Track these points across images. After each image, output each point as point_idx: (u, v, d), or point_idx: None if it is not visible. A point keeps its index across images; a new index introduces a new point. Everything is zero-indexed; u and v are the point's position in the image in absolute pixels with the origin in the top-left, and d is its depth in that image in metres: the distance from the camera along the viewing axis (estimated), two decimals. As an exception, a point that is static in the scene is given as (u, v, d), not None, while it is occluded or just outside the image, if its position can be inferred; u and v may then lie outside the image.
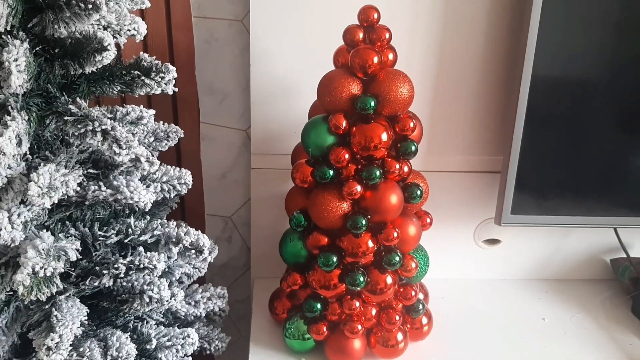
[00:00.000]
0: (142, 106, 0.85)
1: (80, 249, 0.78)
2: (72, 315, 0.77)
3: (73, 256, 0.75)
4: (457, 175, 1.13)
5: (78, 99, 0.74)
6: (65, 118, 0.72)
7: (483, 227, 1.17)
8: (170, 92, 0.82)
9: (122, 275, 0.80)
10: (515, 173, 1.02)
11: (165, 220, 0.86)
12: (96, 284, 0.79)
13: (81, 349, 0.77)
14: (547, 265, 1.22)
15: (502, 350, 1.00)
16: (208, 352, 0.97)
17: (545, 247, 1.20)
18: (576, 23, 0.96)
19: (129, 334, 0.83)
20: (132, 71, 0.78)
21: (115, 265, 0.79)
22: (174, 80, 0.80)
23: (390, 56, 0.87)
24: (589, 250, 1.21)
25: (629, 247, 1.14)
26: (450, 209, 1.14)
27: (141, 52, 0.79)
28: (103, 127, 0.71)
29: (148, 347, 0.84)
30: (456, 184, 1.13)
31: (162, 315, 0.94)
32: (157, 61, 0.78)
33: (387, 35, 0.86)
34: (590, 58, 0.99)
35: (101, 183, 0.77)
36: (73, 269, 0.80)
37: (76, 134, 0.71)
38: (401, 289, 0.93)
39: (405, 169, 0.89)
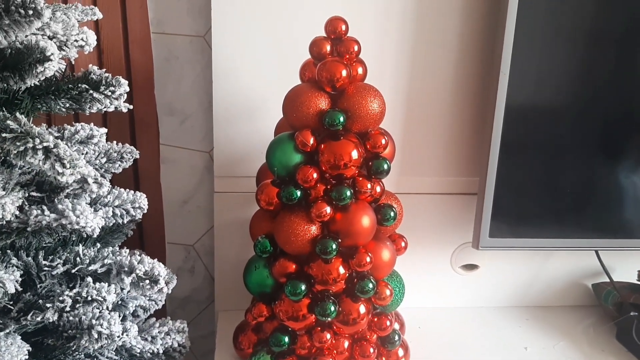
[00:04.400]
0: (92, 124, 0.80)
1: (21, 280, 0.72)
2: (11, 355, 0.70)
3: (11, 288, 0.69)
4: (432, 197, 1.09)
5: (18, 114, 0.68)
6: (4, 135, 0.66)
7: (460, 251, 1.13)
8: (124, 110, 0.77)
9: (68, 309, 0.73)
10: (492, 195, 0.99)
11: (117, 249, 0.79)
12: (39, 319, 0.73)
13: (20, 393, 0.70)
14: (527, 291, 1.18)
15: (484, 382, 0.95)
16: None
17: (525, 272, 1.17)
18: (549, 45, 0.95)
19: (76, 374, 0.77)
20: (79, 85, 0.73)
21: (61, 298, 0.73)
22: (125, 95, 0.75)
23: (360, 70, 0.84)
24: (570, 275, 1.18)
25: (611, 271, 1.11)
26: (425, 233, 1.10)
27: (90, 65, 0.74)
28: (45, 144, 0.65)
29: (98, 388, 0.78)
30: (431, 207, 1.10)
31: (115, 353, 0.87)
32: (107, 74, 0.73)
33: (355, 48, 0.82)
34: (566, 80, 0.98)
35: (44, 207, 0.71)
36: (13, 303, 0.73)
37: (15, 152, 0.65)
38: (375, 319, 0.88)
39: (378, 189, 0.84)
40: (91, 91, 0.72)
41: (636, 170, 1.02)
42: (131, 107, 0.79)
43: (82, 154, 0.80)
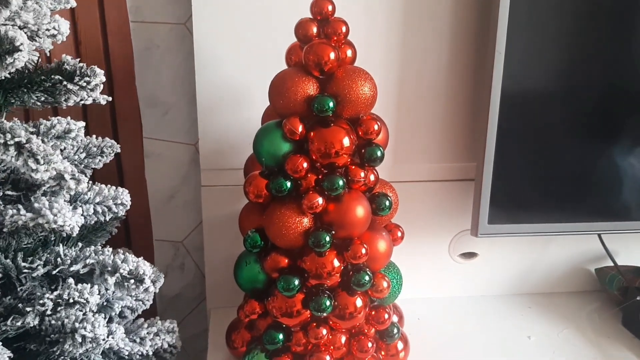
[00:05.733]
0: (69, 118, 0.77)
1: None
2: (-10, 363, 0.67)
3: (-12, 293, 0.66)
4: (428, 184, 1.07)
5: (-13, 108, 0.65)
6: (-27, 131, 0.63)
7: (458, 240, 1.10)
8: (103, 102, 0.74)
9: (49, 312, 0.71)
10: (490, 180, 0.97)
11: (100, 248, 0.77)
12: (19, 323, 0.70)
13: (1, 402, 0.67)
14: (528, 278, 1.16)
15: (487, 374, 0.93)
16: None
17: (526, 259, 1.15)
18: (546, 22, 0.92)
19: (61, 380, 0.74)
20: (53, 76, 0.70)
21: (41, 301, 0.70)
22: (102, 86, 0.72)
23: (349, 52, 0.81)
24: (572, 260, 1.16)
25: (615, 255, 1.09)
26: (422, 222, 1.08)
27: (64, 55, 0.71)
28: (17, 139, 0.63)
29: (85, 394, 0.75)
30: (427, 195, 1.07)
31: (103, 356, 0.84)
32: (81, 64, 0.70)
33: (343, 29, 0.79)
34: (563, 59, 0.95)
35: (20, 206, 0.68)
36: (-9, 308, 0.71)
37: (-15, 149, 0.62)
38: (373, 312, 0.86)
39: (372, 177, 0.82)
40: (65, 82, 0.69)
41: (637, 151, 1.00)
42: (110, 99, 0.76)
43: (60, 149, 0.77)
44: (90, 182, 0.80)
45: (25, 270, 0.73)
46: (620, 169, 1.01)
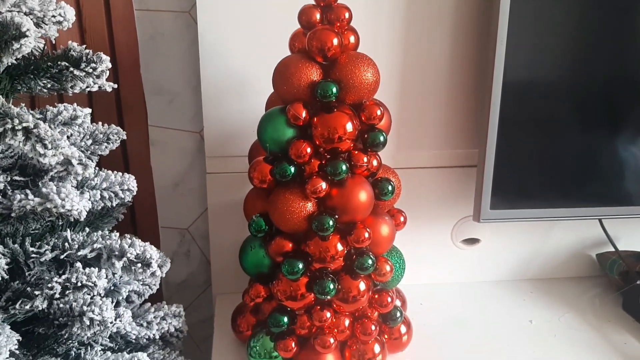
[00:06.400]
0: (75, 104, 0.78)
1: (8, 268, 0.70)
2: (0, 345, 0.68)
3: (-3, 276, 0.66)
4: (430, 171, 1.07)
5: (-5, 94, 0.66)
6: (-19, 117, 0.63)
7: (461, 226, 1.11)
8: (109, 89, 0.75)
9: (57, 296, 0.71)
10: (492, 166, 0.97)
11: (107, 232, 0.77)
12: (28, 307, 0.71)
13: (11, 383, 0.68)
14: (530, 264, 1.17)
15: (489, 357, 0.93)
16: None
17: (527, 244, 1.15)
18: (548, 9, 0.92)
19: (70, 362, 0.75)
20: (59, 62, 0.70)
21: (50, 285, 0.71)
22: (108, 72, 0.72)
23: (352, 39, 0.81)
24: (574, 245, 1.17)
25: (616, 240, 1.09)
26: (424, 207, 1.09)
27: (70, 41, 0.71)
28: (24, 125, 0.63)
29: (93, 376, 0.76)
30: (429, 181, 1.08)
31: (110, 340, 0.85)
32: (87, 50, 0.71)
33: (346, 15, 0.79)
34: (566, 46, 0.95)
35: (28, 191, 0.69)
36: (1, 292, 0.71)
37: (-6, 134, 0.63)
38: (376, 296, 0.87)
39: (375, 162, 0.82)
40: (72, 69, 0.70)
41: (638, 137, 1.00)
42: (115, 86, 0.76)
43: (66, 135, 0.77)
44: (97, 168, 0.80)
45: (34, 255, 0.74)
46: (621, 155, 1.01)
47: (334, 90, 0.78)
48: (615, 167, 1.02)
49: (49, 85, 0.73)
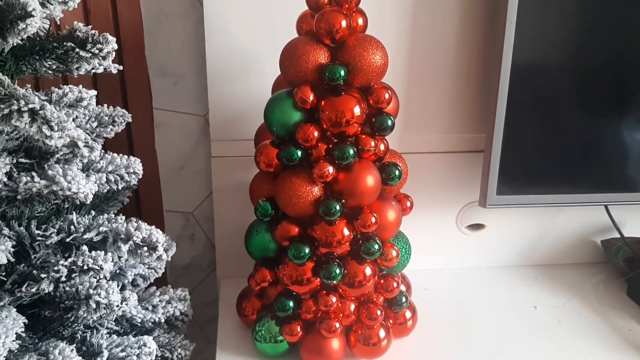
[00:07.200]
0: (80, 86, 0.77)
1: (14, 251, 0.69)
2: (6, 327, 0.67)
3: (3, 259, 0.66)
4: (437, 156, 1.06)
5: (1, 75, 0.64)
6: (-14, 98, 0.62)
7: (466, 211, 1.10)
8: (114, 71, 0.74)
9: (63, 279, 0.71)
10: (499, 151, 0.96)
11: (113, 215, 0.77)
12: (34, 290, 0.70)
13: (17, 366, 0.68)
14: (535, 249, 1.16)
15: (493, 342, 0.93)
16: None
17: (533, 230, 1.15)
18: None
19: (76, 345, 0.75)
20: (65, 43, 0.69)
21: (56, 268, 0.70)
22: (114, 54, 0.71)
23: (360, 21, 0.80)
24: (579, 231, 1.16)
25: (621, 226, 1.09)
26: (430, 193, 1.08)
27: (75, 22, 0.70)
28: (30, 106, 0.62)
29: (99, 359, 0.76)
30: (436, 166, 1.07)
31: (115, 323, 0.85)
32: (93, 31, 0.70)
33: (355, -3, 0.78)
34: (575, 31, 0.94)
35: (34, 174, 0.68)
36: (7, 275, 0.71)
37: (-1, 115, 0.62)
38: (382, 281, 0.86)
39: (382, 146, 0.81)
40: (77, 49, 0.69)
41: (647, 121, 0.99)
42: (121, 67, 0.75)
43: (72, 117, 0.77)
44: (102, 150, 0.80)
45: (39, 238, 0.73)
46: (629, 141, 1.00)
47: (342, 73, 0.77)
48: (622, 153, 1.01)
49: (54, 67, 0.72)
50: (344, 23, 0.76)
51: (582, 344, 0.93)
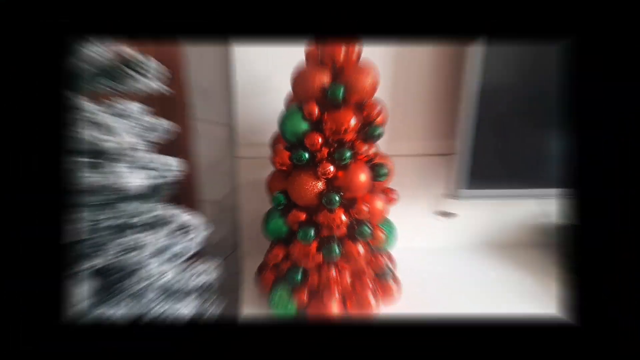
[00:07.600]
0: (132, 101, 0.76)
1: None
2: (83, 295, 0.67)
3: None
4: (416, 158, 1.06)
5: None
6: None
7: (440, 201, 1.10)
8: (163, 91, 0.73)
9: (115, 255, 0.70)
10: (467, 155, 0.95)
11: (156, 204, 0.76)
12: (93, 263, 0.70)
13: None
14: (497, 233, 1.15)
15: (456, 302, 0.92)
16: (202, 321, 0.88)
17: (492, 217, 1.14)
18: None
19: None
20: (118, 64, 0.68)
21: (109, 245, 0.70)
22: (159, 76, 0.70)
23: (356, 51, 0.79)
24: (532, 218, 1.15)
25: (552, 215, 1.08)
26: (412, 187, 1.07)
27: (123, 46, 0.69)
28: (92, 116, 0.62)
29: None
30: (416, 166, 1.07)
31: (158, 292, 0.84)
32: (141, 54, 0.69)
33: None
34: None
35: (93, 170, 0.67)
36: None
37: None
38: (372, 257, 0.86)
39: (372, 150, 0.81)
40: (129, 71, 0.68)
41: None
42: (170, 90, 0.74)
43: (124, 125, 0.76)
44: (151, 152, 0.79)
45: (99, 221, 0.73)
46: (555, 147, 0.98)
47: (341, 92, 0.76)
48: (557, 159, 0.99)
49: (108, 84, 0.71)
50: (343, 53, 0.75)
51: (531, 307, 0.92)
